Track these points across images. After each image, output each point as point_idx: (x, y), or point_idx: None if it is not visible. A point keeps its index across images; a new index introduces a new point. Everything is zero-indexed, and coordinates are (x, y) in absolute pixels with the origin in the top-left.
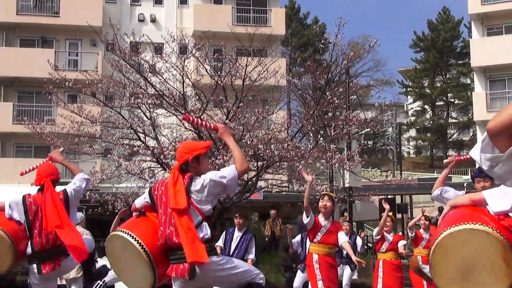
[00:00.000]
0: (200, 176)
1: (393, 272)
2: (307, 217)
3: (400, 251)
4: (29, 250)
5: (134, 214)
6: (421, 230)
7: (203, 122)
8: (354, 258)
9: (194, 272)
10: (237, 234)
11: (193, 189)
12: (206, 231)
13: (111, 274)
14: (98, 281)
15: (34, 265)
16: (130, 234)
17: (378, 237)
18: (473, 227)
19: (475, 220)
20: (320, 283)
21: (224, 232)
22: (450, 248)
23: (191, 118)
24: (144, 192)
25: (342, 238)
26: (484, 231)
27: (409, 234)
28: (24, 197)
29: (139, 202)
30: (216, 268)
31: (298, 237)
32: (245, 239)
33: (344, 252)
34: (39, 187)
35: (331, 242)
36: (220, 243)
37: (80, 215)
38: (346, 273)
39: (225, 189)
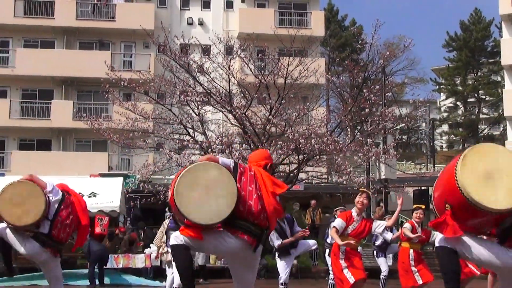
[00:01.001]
0: None
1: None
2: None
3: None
4: (45, 230)
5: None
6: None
7: None
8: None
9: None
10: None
11: None
12: None
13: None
14: None
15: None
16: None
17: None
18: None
19: None
20: (345, 270)
21: None
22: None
23: None
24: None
25: (380, 227)
26: None
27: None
28: (63, 192)
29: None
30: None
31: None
32: (288, 222)
33: (378, 242)
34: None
35: (359, 236)
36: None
37: None
38: (382, 262)
39: None
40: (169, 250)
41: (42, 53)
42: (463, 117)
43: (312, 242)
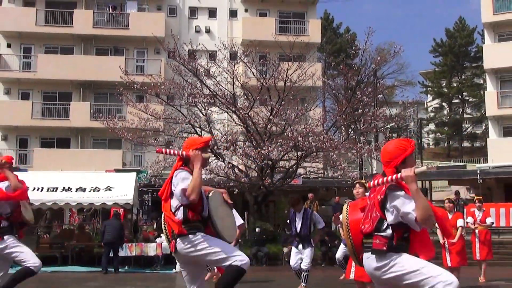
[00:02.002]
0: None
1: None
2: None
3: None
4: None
5: None
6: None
7: (175, 151)
8: None
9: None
10: (298, 215)
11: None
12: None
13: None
14: None
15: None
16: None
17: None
18: None
19: None
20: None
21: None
22: None
23: (163, 150)
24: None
25: None
26: None
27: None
28: None
29: None
30: (187, 246)
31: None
32: (306, 216)
33: None
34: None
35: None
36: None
37: None
38: None
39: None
40: None
41: (62, 59)
42: (448, 117)
43: None
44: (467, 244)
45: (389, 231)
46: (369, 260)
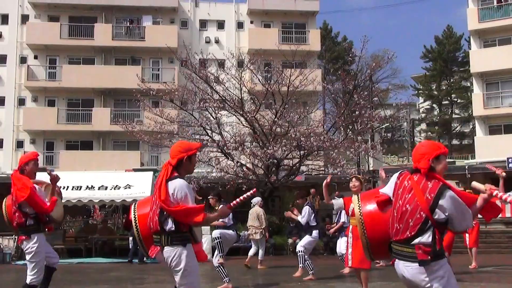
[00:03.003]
0: (176, 179)
1: None
2: (334, 204)
3: None
4: None
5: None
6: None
7: (241, 198)
8: None
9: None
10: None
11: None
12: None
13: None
14: None
15: None
16: None
17: None
18: None
19: None
20: (350, 250)
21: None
22: None
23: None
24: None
25: None
26: None
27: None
28: None
29: None
30: (168, 255)
31: (341, 201)
32: (305, 211)
33: None
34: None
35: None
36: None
37: None
38: None
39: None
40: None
41: (84, 69)
42: (438, 117)
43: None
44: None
45: (430, 235)
46: (412, 271)
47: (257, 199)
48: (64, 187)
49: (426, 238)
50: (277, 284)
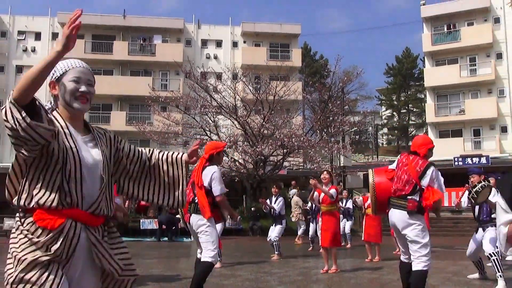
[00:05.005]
0: (215, 173)
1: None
2: (313, 201)
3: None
4: None
5: None
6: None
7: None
8: None
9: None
10: (274, 198)
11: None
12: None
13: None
14: None
15: None
16: None
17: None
18: None
19: None
20: (324, 230)
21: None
22: None
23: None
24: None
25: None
26: None
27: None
28: None
29: None
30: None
31: (316, 195)
32: (280, 201)
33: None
34: None
35: (328, 202)
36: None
37: None
38: (347, 225)
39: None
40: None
41: (104, 79)
42: (397, 123)
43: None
44: None
45: (418, 195)
46: (401, 215)
47: (293, 191)
48: None
49: (415, 196)
50: (265, 261)
